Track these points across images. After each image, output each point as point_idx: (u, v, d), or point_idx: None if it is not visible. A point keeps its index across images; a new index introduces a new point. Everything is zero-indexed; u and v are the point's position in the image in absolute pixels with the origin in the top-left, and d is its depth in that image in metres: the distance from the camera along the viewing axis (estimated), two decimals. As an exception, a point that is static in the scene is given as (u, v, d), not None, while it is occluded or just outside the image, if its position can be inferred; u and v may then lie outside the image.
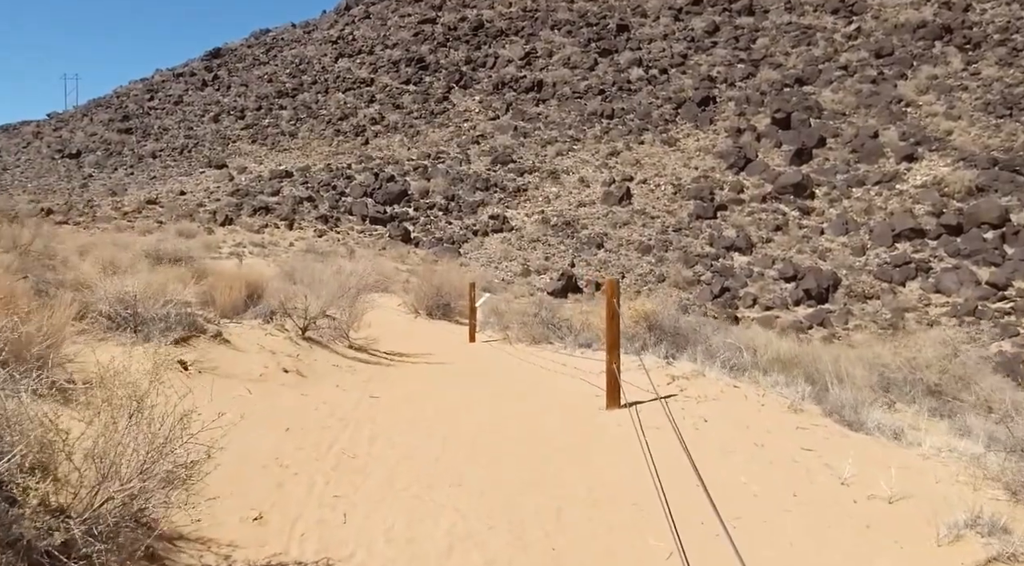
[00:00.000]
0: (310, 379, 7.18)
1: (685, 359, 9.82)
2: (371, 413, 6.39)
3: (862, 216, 46.79)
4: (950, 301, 39.72)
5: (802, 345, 10.70)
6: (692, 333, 11.62)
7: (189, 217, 44.45)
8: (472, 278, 39.01)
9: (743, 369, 9.47)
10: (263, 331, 8.27)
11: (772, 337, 13.36)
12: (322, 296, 9.28)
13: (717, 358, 9.65)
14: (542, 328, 14.67)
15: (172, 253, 15.39)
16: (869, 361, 14.93)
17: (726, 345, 11.09)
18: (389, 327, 16.88)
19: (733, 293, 41.77)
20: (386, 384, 7.77)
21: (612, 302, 6.71)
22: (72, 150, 67.26)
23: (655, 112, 62.73)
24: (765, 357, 9.64)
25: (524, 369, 10.18)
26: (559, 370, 9.91)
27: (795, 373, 9.91)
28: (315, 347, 8.78)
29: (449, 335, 15.74)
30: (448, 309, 19.16)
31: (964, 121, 53.78)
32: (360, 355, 9.87)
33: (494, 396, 7.62)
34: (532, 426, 6.27)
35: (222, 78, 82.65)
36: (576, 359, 11.25)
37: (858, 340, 38.34)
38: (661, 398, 7.22)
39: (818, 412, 6.79)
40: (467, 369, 10.08)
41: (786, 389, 7.76)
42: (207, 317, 7.79)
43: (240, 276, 10.15)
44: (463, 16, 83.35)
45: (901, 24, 67.75)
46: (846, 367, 11.09)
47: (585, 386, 8.28)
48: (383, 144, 64.79)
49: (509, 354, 12.39)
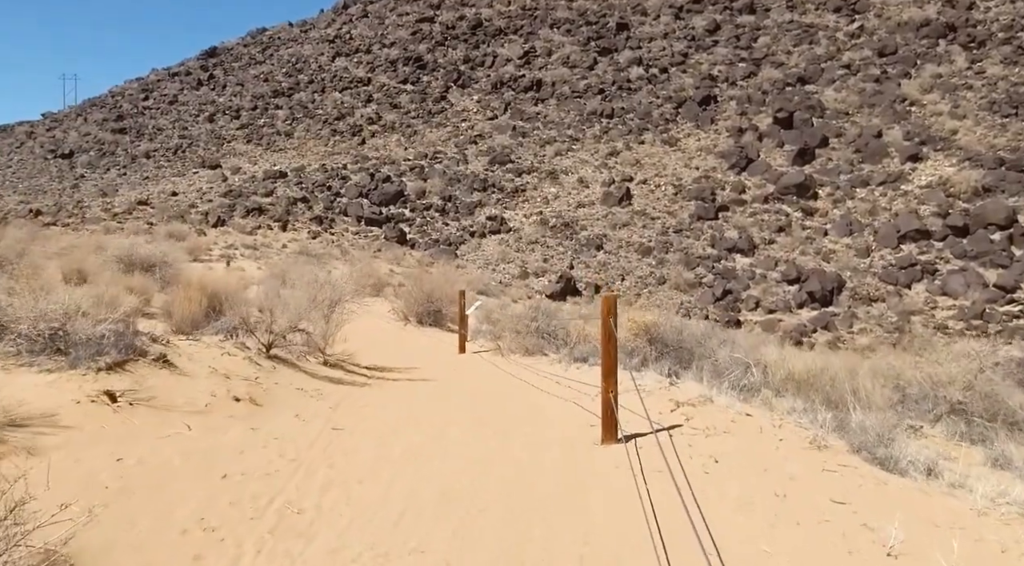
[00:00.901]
0: (266, 408, 6.31)
1: (690, 378, 8.95)
2: (329, 452, 5.52)
3: (866, 217, 45.92)
4: (957, 304, 38.85)
5: (815, 358, 9.81)
6: (697, 346, 10.75)
7: (180, 218, 43.59)
8: (470, 278, 38.20)
9: (754, 390, 8.59)
10: (220, 350, 7.41)
11: (783, 351, 12.48)
12: (291, 309, 8.41)
13: (725, 378, 8.76)
14: (536, 338, 13.80)
15: (146, 258, 14.50)
16: (883, 372, 14.05)
17: (733, 360, 10.20)
18: (375, 336, 16.01)
19: (735, 296, 40.90)
20: (355, 411, 6.90)
21: (608, 322, 5.84)
22: (65, 150, 66.39)
23: (655, 111, 61.86)
24: (778, 376, 8.76)
25: (514, 389, 9.31)
26: (552, 389, 9.05)
27: (811, 394, 9.03)
28: (280, 367, 7.91)
29: (438, 345, 14.87)
30: (439, 316, 18.30)
31: (969, 120, 52.91)
32: (334, 373, 8.99)
33: (476, 426, 6.75)
34: (515, 471, 5.39)
35: (218, 77, 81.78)
36: (571, 374, 10.38)
37: (862, 343, 37.51)
38: (665, 429, 6.35)
39: (844, 448, 5.91)
40: (451, 389, 9.21)
41: (804, 417, 6.89)
42: (154, 336, 6.94)
43: (203, 286, 9.30)
44: (461, 15, 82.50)
45: (904, 22, 66.89)
46: (864, 384, 10.21)
47: (579, 413, 7.40)
48: (380, 144, 63.92)
49: (500, 368, 11.53)
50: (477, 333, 15.78)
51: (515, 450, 5.90)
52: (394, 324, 18.09)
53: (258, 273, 32.50)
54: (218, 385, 6.30)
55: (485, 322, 20.13)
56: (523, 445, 6.08)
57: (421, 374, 10.72)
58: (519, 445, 6.07)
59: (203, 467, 4.85)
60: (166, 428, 5.32)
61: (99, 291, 7.99)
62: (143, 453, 4.82)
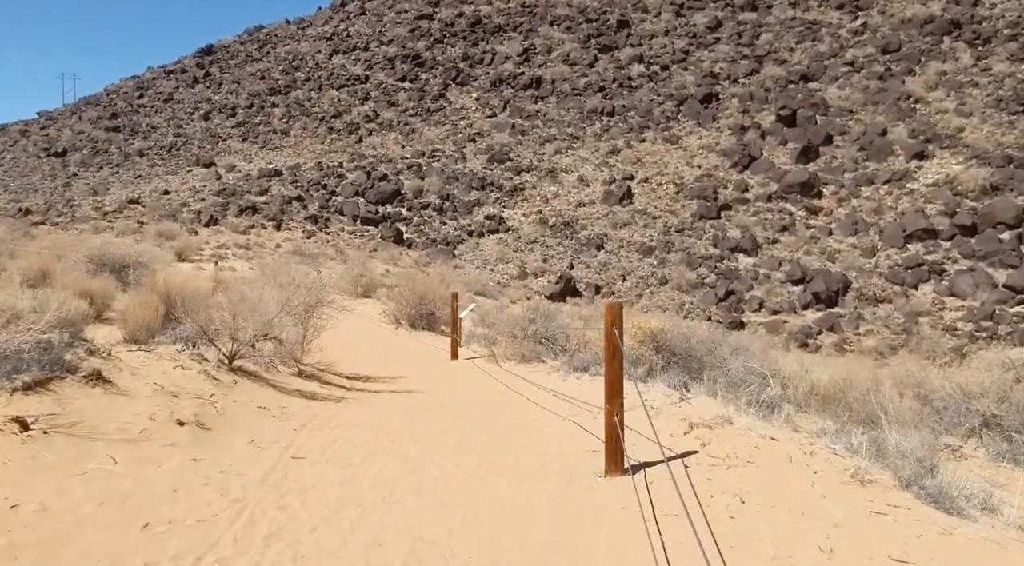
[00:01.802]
0: (216, 433, 5.44)
1: (702, 392, 8.06)
2: (283, 489, 4.65)
3: (872, 216, 45.05)
4: (965, 305, 37.97)
5: (838, 368, 8.94)
6: (707, 355, 9.87)
7: (172, 217, 42.71)
8: (468, 279, 37.32)
9: (774, 406, 7.70)
10: (173, 363, 6.54)
11: (801, 360, 11.59)
12: (260, 314, 7.54)
13: (742, 392, 7.88)
14: (533, 344, 12.92)
15: (119, 258, 13.61)
16: (903, 380, 13.20)
17: (748, 371, 9.30)
18: (363, 341, 15.14)
19: (738, 296, 40.04)
20: (323, 434, 6.02)
21: (612, 333, 4.97)
22: (58, 149, 65.49)
23: (656, 109, 60.98)
24: (800, 389, 7.88)
25: (507, 403, 8.43)
26: (549, 403, 8.17)
27: (837, 410, 8.15)
28: (244, 381, 7.03)
29: (429, 350, 13.99)
30: (433, 319, 17.43)
31: (976, 118, 52.03)
32: (307, 386, 8.11)
33: (461, 452, 5.87)
34: (503, 513, 4.51)
35: (213, 75, 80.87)
36: (570, 386, 9.51)
37: (869, 345, 36.62)
38: (678, 457, 5.48)
39: (890, 481, 5.04)
40: (438, 403, 8.33)
41: (837, 441, 6.01)
42: (93, 347, 6.07)
43: (165, 288, 8.42)
44: (460, 12, 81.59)
45: (908, 19, 66.01)
46: (891, 397, 9.33)
47: (579, 435, 6.53)
48: (377, 142, 63.02)
49: (493, 377, 10.65)
50: (471, 337, 14.92)
51: (504, 485, 5.02)
52: (385, 328, 17.23)
53: (249, 273, 31.67)
54: (161, 406, 5.42)
55: (481, 325, 19.26)
56: (513, 478, 5.21)
57: (407, 384, 9.84)
58: (509, 478, 5.19)
59: (121, 514, 3.98)
60: (85, 462, 4.45)
61: (45, 295, 7.12)
62: (47, 496, 3.95)
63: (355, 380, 9.80)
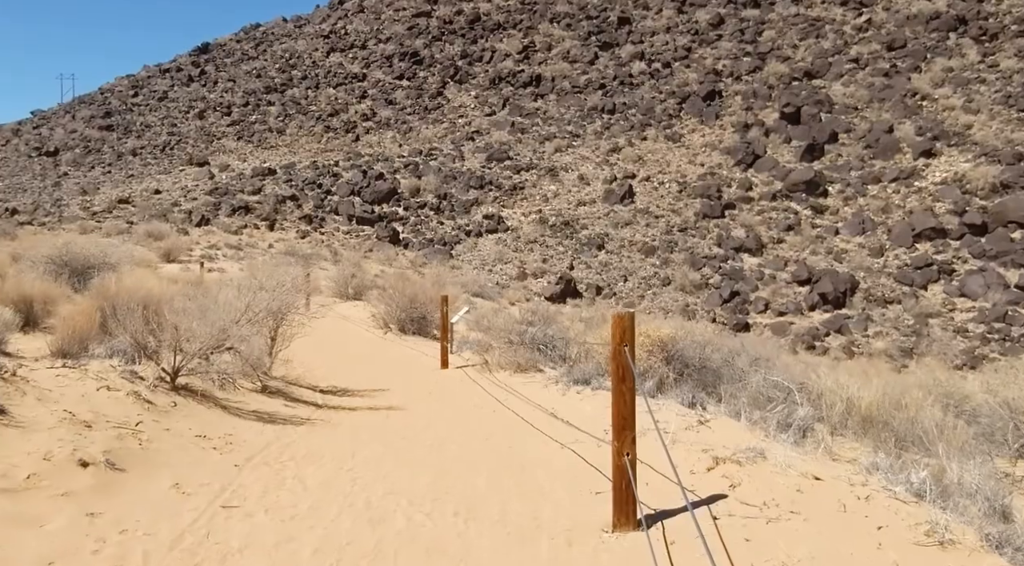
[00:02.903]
0: (132, 474, 4.38)
1: (723, 412, 6.99)
2: (199, 559, 3.60)
3: (879, 215, 43.99)
4: (976, 306, 36.91)
5: (877, 382, 7.86)
6: (723, 366, 8.80)
7: (163, 217, 41.65)
8: (465, 280, 36.21)
9: (805, 427, 6.63)
10: (99, 382, 5.49)
11: (835, 371, 10.49)
12: (215, 322, 6.48)
13: (769, 413, 6.81)
14: (531, 351, 11.85)
15: (82, 259, 12.55)
16: (929, 389, 12.13)
17: (770, 385, 8.21)
18: (347, 348, 14.09)
19: (743, 297, 38.98)
20: (269, 472, 4.95)
21: (622, 353, 3.92)
22: (50, 148, 64.45)
23: (658, 107, 59.94)
24: (835, 408, 6.81)
25: (498, 424, 7.38)
26: (546, 425, 7.11)
27: (879, 431, 7.09)
28: (187, 403, 5.97)
29: (418, 358, 12.93)
30: (424, 322, 16.36)
31: (984, 115, 50.96)
32: (268, 406, 7.04)
33: (436, 497, 4.80)
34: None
35: (209, 73, 79.86)
36: (570, 402, 8.45)
37: (878, 347, 35.55)
38: (704, 503, 4.43)
39: (975, 541, 3.97)
40: (419, 425, 7.27)
41: (893, 478, 4.95)
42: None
43: (108, 293, 7.38)
44: (459, 9, 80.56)
45: (913, 15, 64.92)
46: (933, 414, 8.25)
47: (580, 469, 5.47)
48: (374, 141, 61.99)
49: (485, 390, 9.60)
50: (464, 344, 13.85)
51: (484, 547, 3.96)
52: (373, 332, 16.17)
53: (239, 274, 30.62)
54: (64, 441, 4.37)
55: (476, 328, 18.19)
56: (498, 535, 4.15)
57: (387, 399, 8.78)
58: (492, 535, 4.13)
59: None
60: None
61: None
62: None
63: (329, 394, 8.74)
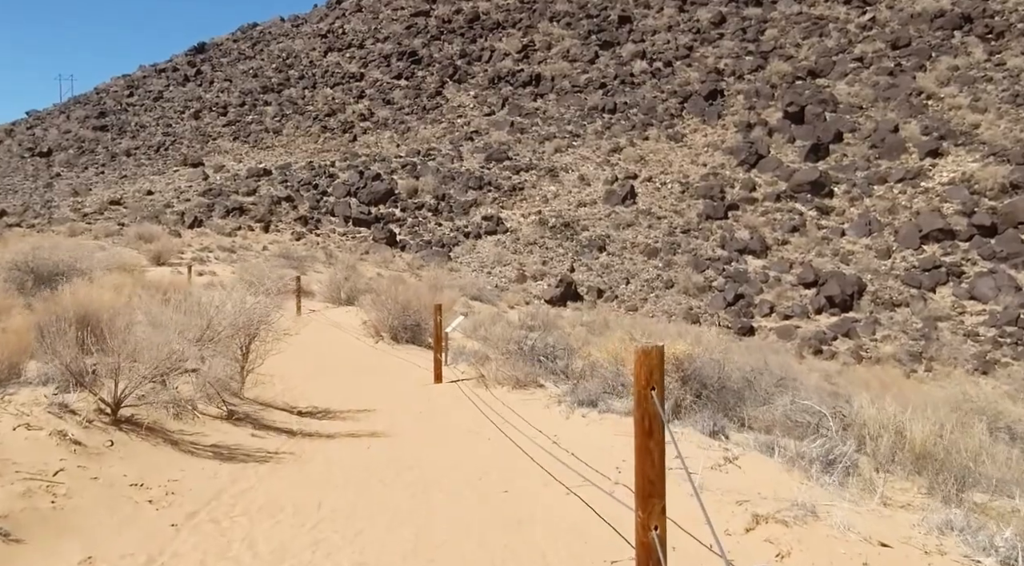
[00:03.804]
0: (32, 545, 3.47)
1: (752, 445, 6.14)
2: None
3: (886, 216, 43.15)
4: (987, 309, 36.07)
5: (927, 409, 7.02)
6: (745, 387, 7.94)
7: (155, 219, 40.82)
8: (463, 283, 35.37)
9: (849, 465, 5.78)
10: (18, 419, 4.60)
11: (876, 395, 9.68)
12: (167, 342, 5.63)
13: (806, 444, 5.97)
14: (530, 365, 11.00)
15: (51, 265, 11.71)
16: (958, 403, 11.29)
17: (801, 409, 7.38)
18: (334, 359, 13.25)
19: (748, 300, 38.14)
20: (212, 533, 4.04)
21: (648, 399, 3.07)
22: (43, 149, 63.60)
23: (660, 106, 59.11)
24: (881, 443, 5.95)
25: (494, 460, 6.54)
26: (546, 459, 6.27)
27: (929, 463, 6.24)
28: (129, 439, 5.07)
29: (410, 371, 12.08)
30: (418, 330, 15.52)
31: (991, 114, 50.13)
32: (232, 436, 6.19)
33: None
34: None
35: (205, 73, 79.02)
36: (575, 428, 7.61)
37: (886, 352, 34.69)
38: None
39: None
40: (406, 458, 6.43)
41: (971, 541, 4.10)
42: None
43: (65, 305, 6.55)
44: (458, 8, 79.73)
45: (918, 14, 64.10)
46: (978, 438, 7.41)
47: (591, 525, 4.62)
48: (371, 141, 61.16)
49: (481, 411, 8.75)
50: (460, 354, 12.99)
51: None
52: (364, 341, 15.32)
53: (231, 278, 29.79)
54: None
55: (473, 336, 17.35)
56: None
57: (371, 424, 7.94)
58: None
59: None
60: None
61: None
62: None
63: (308, 417, 7.90)
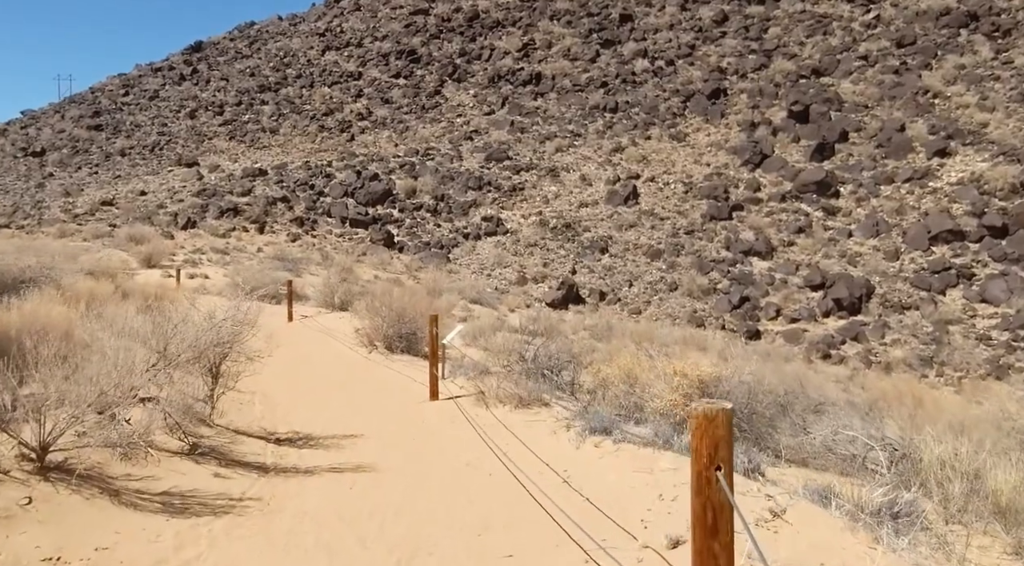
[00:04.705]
0: None
1: (801, 493, 5.28)
2: None
3: (893, 216, 42.30)
4: (999, 312, 35.22)
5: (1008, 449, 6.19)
6: (779, 413, 7.07)
7: (147, 220, 39.97)
8: (463, 286, 34.50)
9: (917, 516, 4.91)
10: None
11: (883, 400, 8.79)
12: (114, 370, 4.77)
13: (868, 496, 5.13)
14: (534, 380, 10.13)
15: (15, 272, 10.85)
16: (995, 419, 10.46)
17: (844, 439, 6.53)
18: (323, 372, 12.38)
19: (754, 303, 37.29)
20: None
21: (712, 484, 2.16)
22: (36, 148, 62.72)
23: (662, 105, 58.26)
24: (952, 488, 5.07)
25: (497, 503, 5.66)
26: (558, 504, 5.41)
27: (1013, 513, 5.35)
28: (55, 494, 4.16)
29: (404, 386, 11.22)
30: (413, 339, 14.65)
31: (1000, 112, 49.30)
32: (190, 479, 5.31)
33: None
34: None
35: (201, 72, 78.15)
36: (587, 460, 6.75)
37: (896, 356, 33.82)
38: None
39: None
40: (393, 503, 5.55)
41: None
42: None
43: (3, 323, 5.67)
44: (457, 6, 78.91)
45: (923, 11, 63.29)
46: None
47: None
48: (369, 140, 60.29)
49: (481, 437, 7.89)
50: (458, 367, 12.11)
51: None
52: (357, 351, 14.45)
53: (223, 280, 28.92)
54: None
55: (473, 344, 16.46)
56: None
57: (357, 454, 7.07)
58: None
59: None
60: None
61: None
62: None
63: (286, 445, 7.03)
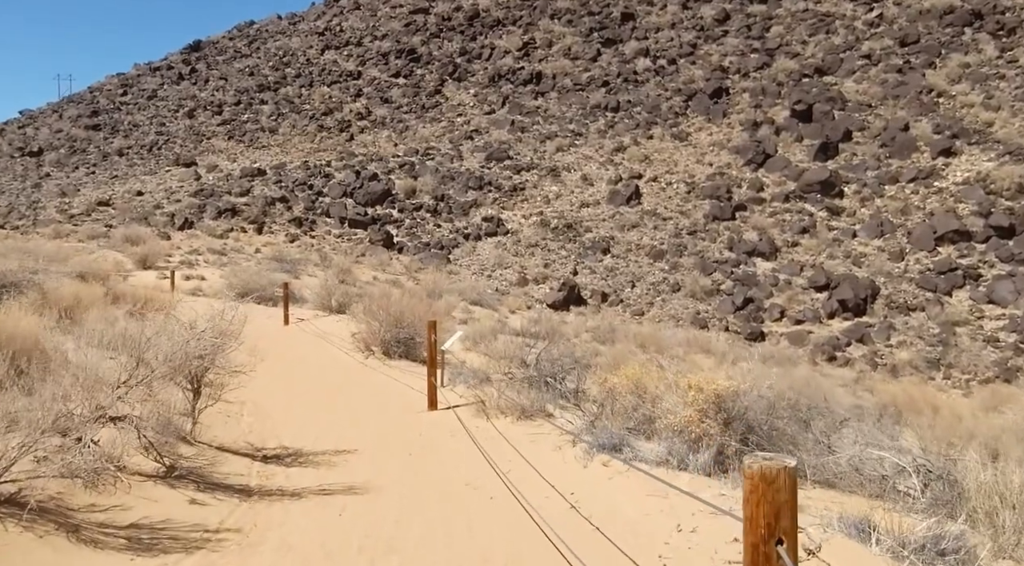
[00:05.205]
0: None
1: (837, 529, 4.82)
2: None
3: (898, 217, 41.85)
4: (1007, 313, 34.77)
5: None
6: (800, 429, 6.61)
7: (144, 220, 39.54)
8: (463, 287, 34.05)
9: (961, 550, 4.44)
10: None
11: (894, 405, 8.29)
12: (78, 389, 4.29)
13: (911, 531, 4.66)
14: (537, 389, 9.68)
15: (2, 275, 10.41)
16: (1020, 431, 10.05)
17: (870, 460, 6.07)
18: (318, 379, 11.94)
19: (757, 304, 36.85)
20: None
21: (769, 560, 1.74)
22: (33, 148, 62.32)
23: (664, 104, 57.80)
24: (1001, 520, 4.60)
25: (499, 534, 5.21)
26: (564, 535, 4.95)
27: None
28: (4, 533, 3.75)
29: (402, 394, 10.77)
30: (411, 344, 14.20)
31: (1005, 112, 48.83)
32: (161, 507, 4.85)
33: None
34: None
35: (200, 71, 77.73)
36: (594, 480, 6.29)
37: (902, 358, 33.34)
38: None
39: None
40: (384, 536, 5.09)
41: None
42: None
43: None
44: (457, 5, 78.46)
45: (927, 10, 62.80)
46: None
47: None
48: (368, 140, 59.85)
49: (482, 453, 7.44)
50: (458, 374, 11.67)
51: None
52: (353, 357, 14.00)
53: (220, 282, 28.49)
54: None
55: (473, 348, 16.05)
56: None
57: (350, 473, 6.61)
58: None
59: None
60: None
61: None
62: None
63: (273, 463, 6.58)
